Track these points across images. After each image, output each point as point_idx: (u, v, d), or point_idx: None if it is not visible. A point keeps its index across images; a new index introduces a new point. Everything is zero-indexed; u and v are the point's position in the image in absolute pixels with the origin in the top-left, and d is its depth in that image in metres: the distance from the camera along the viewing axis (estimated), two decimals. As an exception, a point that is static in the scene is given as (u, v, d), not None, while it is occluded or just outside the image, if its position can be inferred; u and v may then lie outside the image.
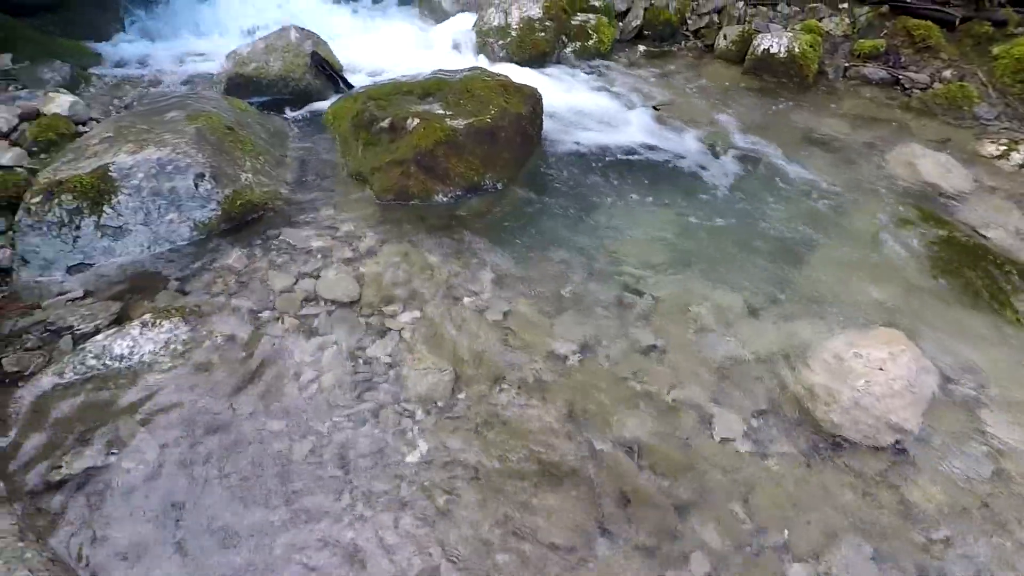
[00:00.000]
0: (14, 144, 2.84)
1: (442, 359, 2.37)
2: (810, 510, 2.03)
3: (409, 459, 2.04)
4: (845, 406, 2.26)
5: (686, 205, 3.43)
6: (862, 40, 5.07)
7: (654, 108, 4.33)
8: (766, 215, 3.39)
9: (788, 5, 5.43)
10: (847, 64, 4.98)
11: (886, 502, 2.07)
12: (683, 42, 5.48)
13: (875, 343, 2.44)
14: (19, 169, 2.73)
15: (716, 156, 3.90)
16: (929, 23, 4.95)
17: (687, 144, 4.00)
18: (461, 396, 2.26)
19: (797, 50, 4.78)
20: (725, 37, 5.19)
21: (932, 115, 4.53)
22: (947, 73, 4.73)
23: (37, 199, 2.53)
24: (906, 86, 4.76)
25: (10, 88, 3.30)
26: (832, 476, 2.13)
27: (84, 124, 3.16)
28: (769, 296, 2.84)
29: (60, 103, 3.12)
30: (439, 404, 2.22)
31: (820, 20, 5.20)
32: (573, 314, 2.67)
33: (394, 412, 2.18)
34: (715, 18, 5.49)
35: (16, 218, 2.52)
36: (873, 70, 4.89)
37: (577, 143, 3.85)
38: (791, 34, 4.92)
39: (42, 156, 2.86)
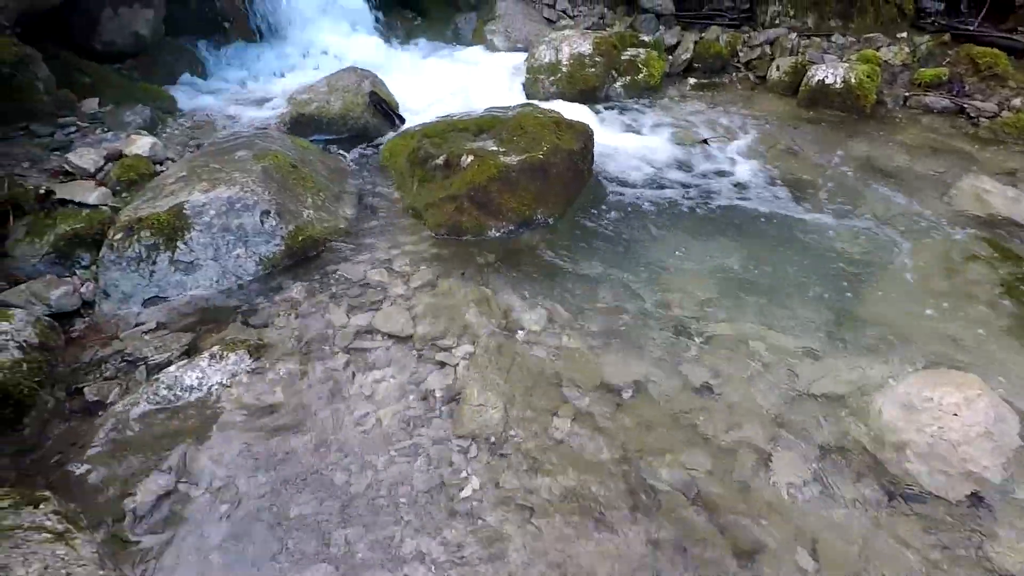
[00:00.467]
0: (100, 184, 3.06)
1: (495, 395, 2.38)
2: (880, 564, 1.92)
3: (462, 495, 2.04)
4: (917, 453, 2.14)
5: (739, 239, 3.37)
6: (923, 69, 4.93)
7: (704, 141, 4.31)
8: (825, 250, 3.30)
9: (843, 36, 5.35)
10: (908, 94, 4.85)
11: (964, 558, 1.94)
12: (734, 74, 5.46)
13: (947, 386, 2.31)
14: (104, 207, 2.93)
15: (770, 188, 3.84)
16: (995, 51, 4.79)
17: (739, 176, 3.96)
18: (513, 433, 2.26)
19: (854, 80, 4.69)
20: (778, 68, 5.15)
21: (1001, 144, 4.35)
22: (1017, 101, 4.55)
23: (119, 236, 2.71)
24: (972, 115, 4.59)
25: (97, 131, 3.56)
26: (904, 527, 2.02)
27: (161, 164, 3.37)
28: (830, 334, 2.75)
29: (141, 145, 3.34)
30: (491, 440, 2.22)
31: (878, 50, 5.09)
32: (625, 350, 2.65)
33: (447, 448, 2.19)
34: (767, 50, 5.46)
35: (100, 254, 2.70)
36: (935, 99, 4.75)
37: (627, 177, 3.86)
38: (847, 64, 4.84)
39: (124, 195, 3.07)
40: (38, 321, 2.18)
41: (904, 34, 5.24)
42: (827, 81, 4.78)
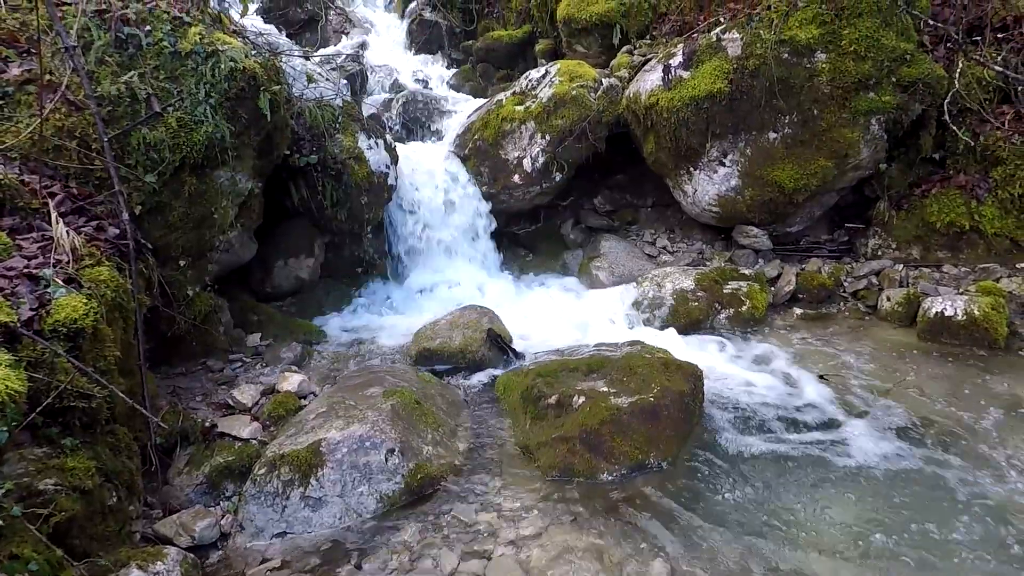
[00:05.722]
0: (254, 418, 3.46)
1: (612, 676, 2.17)
2: None
3: None
4: None
5: (875, 491, 3.10)
6: (1055, 300, 4.70)
7: (820, 377, 4.21)
8: (988, 512, 2.93)
9: (955, 266, 5.32)
10: (1044, 326, 4.58)
11: None
12: (841, 304, 5.46)
13: None
14: (253, 441, 3.28)
15: (904, 432, 3.58)
16: None
17: (866, 416, 3.75)
18: None
19: (978, 313, 4.54)
20: (889, 299, 5.11)
21: None
22: None
23: (263, 471, 2.98)
24: None
25: (257, 366, 4.12)
26: None
27: (306, 398, 3.79)
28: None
29: (291, 382, 3.81)
30: None
31: (998, 280, 4.98)
32: (758, 626, 2.38)
33: None
34: (873, 280, 5.49)
35: (244, 487, 2.96)
36: (1079, 332, 4.43)
37: (740, 415, 3.79)
38: (966, 296, 4.73)
39: (271, 429, 3.43)
40: (184, 560, 2.36)
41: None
42: (947, 313, 4.65)
